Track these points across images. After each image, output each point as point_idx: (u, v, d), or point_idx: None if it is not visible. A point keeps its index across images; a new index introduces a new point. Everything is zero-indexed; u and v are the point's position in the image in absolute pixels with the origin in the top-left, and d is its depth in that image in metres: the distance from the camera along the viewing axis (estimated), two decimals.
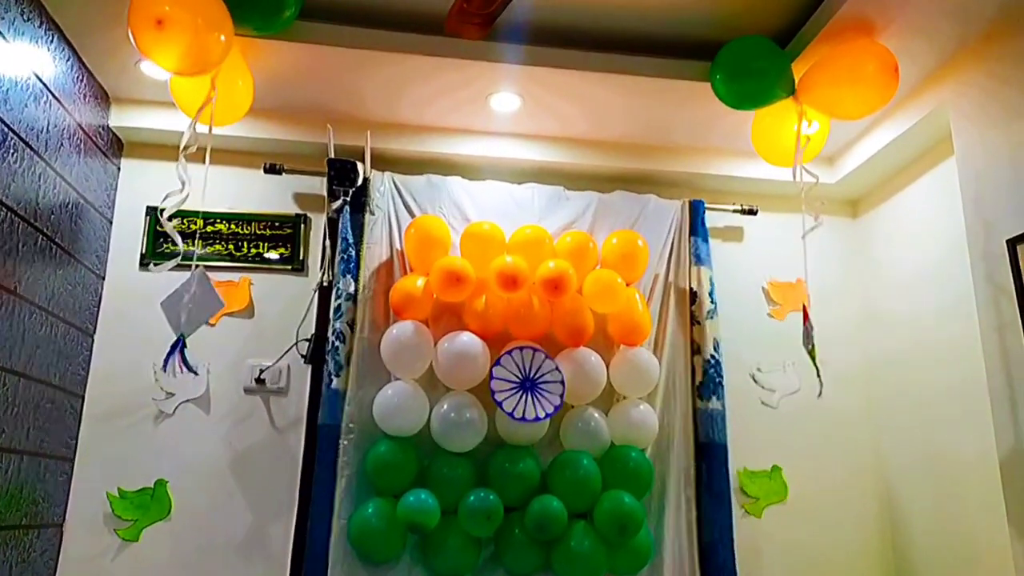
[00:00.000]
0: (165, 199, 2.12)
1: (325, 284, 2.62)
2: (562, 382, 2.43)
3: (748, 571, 2.59)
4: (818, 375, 2.32)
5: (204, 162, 2.19)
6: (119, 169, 2.74)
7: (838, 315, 2.95)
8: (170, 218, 2.60)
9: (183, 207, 2.33)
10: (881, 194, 2.94)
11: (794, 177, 2.43)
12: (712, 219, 2.91)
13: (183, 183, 2.12)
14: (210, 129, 2.20)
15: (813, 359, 2.31)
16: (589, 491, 2.42)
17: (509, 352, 2.45)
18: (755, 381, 2.87)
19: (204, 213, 2.70)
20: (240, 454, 2.56)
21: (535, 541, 2.39)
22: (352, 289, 2.56)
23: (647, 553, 2.45)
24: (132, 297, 2.59)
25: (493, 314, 2.51)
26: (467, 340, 2.45)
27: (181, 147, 2.12)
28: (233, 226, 2.73)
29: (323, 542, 2.35)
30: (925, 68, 2.41)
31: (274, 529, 2.50)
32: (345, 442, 2.44)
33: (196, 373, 2.22)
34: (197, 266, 2.17)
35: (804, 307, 2.38)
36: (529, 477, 2.42)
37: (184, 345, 2.05)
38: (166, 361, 2.03)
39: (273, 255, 2.73)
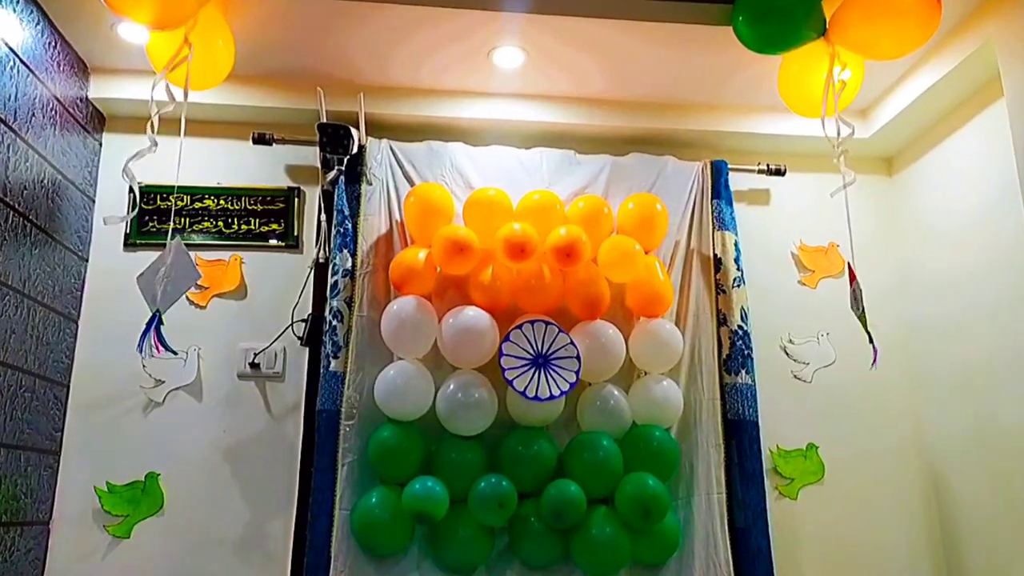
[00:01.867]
0: (133, 156, 1.96)
1: (321, 261, 2.44)
2: (577, 357, 2.25)
3: (784, 557, 2.39)
4: (871, 341, 2.11)
5: (181, 132, 2.03)
6: (101, 145, 2.58)
7: (874, 280, 2.71)
8: (151, 191, 2.48)
9: (167, 183, 2.18)
10: (919, 148, 2.71)
11: (824, 127, 2.22)
12: (736, 181, 2.70)
13: (154, 142, 1.96)
14: (185, 94, 2.03)
15: (864, 324, 2.10)
16: (610, 474, 2.23)
17: (519, 326, 2.27)
18: (786, 354, 2.67)
19: (191, 188, 2.55)
20: (235, 443, 2.39)
21: (552, 529, 2.21)
22: (349, 264, 2.39)
23: (675, 540, 2.26)
24: (117, 280, 2.42)
25: (501, 286, 2.32)
26: (473, 315, 2.27)
27: (152, 103, 1.97)
28: (222, 202, 2.57)
29: (325, 534, 2.18)
30: (966, 3, 2.19)
31: (273, 522, 2.34)
32: (346, 428, 2.27)
33: (175, 352, 2.06)
34: (174, 236, 2.00)
35: (849, 267, 2.16)
36: (544, 461, 2.24)
37: (160, 322, 1.88)
38: (141, 341, 1.86)
39: (265, 231, 2.56)
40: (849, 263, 2.18)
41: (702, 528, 2.32)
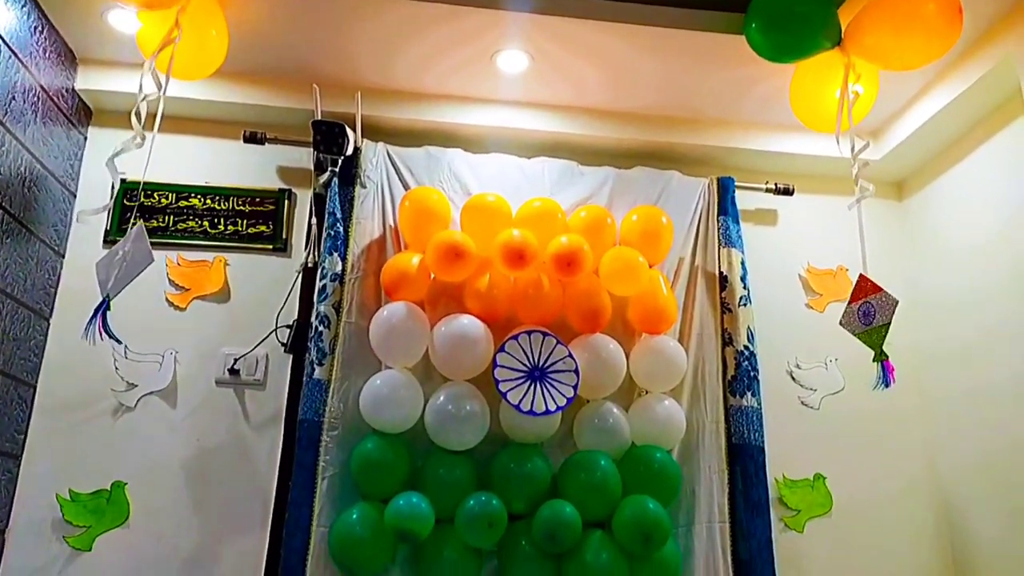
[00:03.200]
0: (119, 150, 1.87)
1: (310, 265, 2.35)
2: (576, 371, 2.13)
3: None
4: (882, 358, 2.00)
5: (157, 119, 1.95)
6: (85, 139, 2.48)
7: None
8: (135, 187, 2.38)
9: (152, 179, 2.08)
10: (932, 171, 2.64)
11: (838, 141, 2.14)
12: (742, 200, 2.61)
13: (140, 134, 1.87)
14: (167, 78, 1.94)
15: (874, 343, 1.99)
16: (607, 496, 2.10)
17: (515, 337, 2.15)
18: (793, 379, 2.56)
19: (177, 186, 2.45)
20: (209, 454, 2.25)
21: (544, 554, 2.06)
22: (339, 268, 2.27)
23: (675, 570, 2.11)
24: (95, 278, 2.28)
25: (497, 295, 2.21)
26: (467, 323, 2.15)
27: (140, 90, 1.88)
28: (209, 201, 2.46)
29: (300, 553, 2.03)
30: (985, 18, 2.13)
31: (246, 538, 2.18)
32: (327, 439, 2.13)
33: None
34: (135, 222, 1.89)
35: (862, 280, 2.05)
36: (538, 480, 2.10)
37: (107, 307, 1.78)
38: (88, 326, 1.77)
39: (252, 233, 2.45)
40: (862, 275, 2.07)
41: (703, 559, 2.18)
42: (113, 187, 2.27)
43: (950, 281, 2.51)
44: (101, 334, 1.77)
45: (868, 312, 2.01)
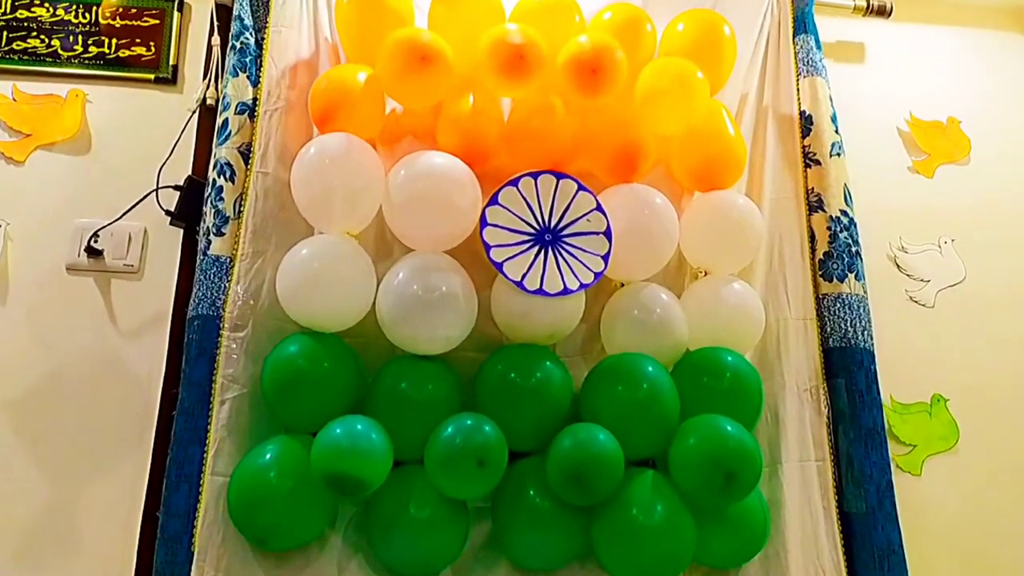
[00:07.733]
0: None
1: (209, 102, 1.63)
2: (607, 233, 1.41)
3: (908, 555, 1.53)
4: None
5: None
6: None
7: (1008, 169, 1.96)
8: None
9: None
10: None
11: None
12: (820, 27, 1.89)
13: None
14: None
15: None
16: (659, 418, 1.36)
17: (514, 182, 1.42)
18: (897, 267, 1.86)
19: None
20: (55, 369, 1.51)
21: (564, 508, 1.32)
22: (249, 97, 1.53)
23: (761, 529, 1.40)
24: None
25: (484, 125, 1.46)
26: (441, 162, 1.41)
27: None
28: (61, 11, 1.70)
29: (185, 515, 1.31)
30: None
31: (104, 493, 1.45)
32: (230, 344, 1.39)
33: None
34: None
35: None
36: (552, 397, 1.36)
37: None
38: None
39: (126, 57, 1.70)
40: None
41: (796, 513, 1.47)
42: None
43: None
44: None
45: None
